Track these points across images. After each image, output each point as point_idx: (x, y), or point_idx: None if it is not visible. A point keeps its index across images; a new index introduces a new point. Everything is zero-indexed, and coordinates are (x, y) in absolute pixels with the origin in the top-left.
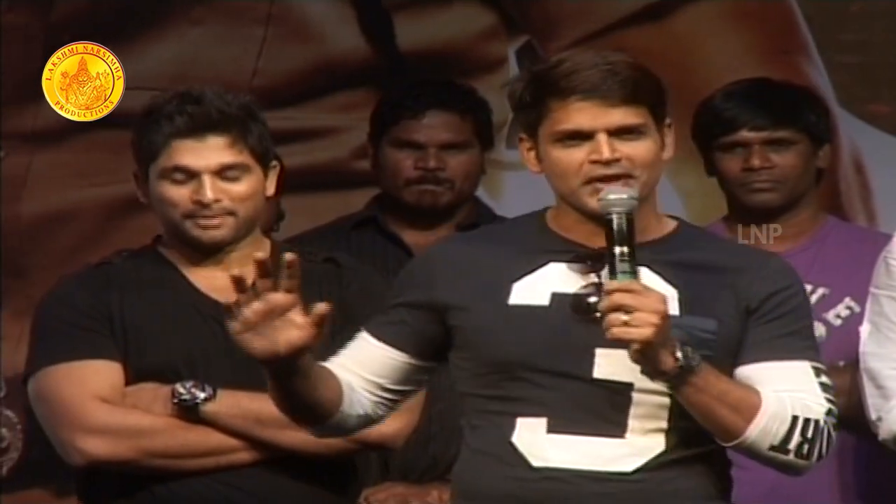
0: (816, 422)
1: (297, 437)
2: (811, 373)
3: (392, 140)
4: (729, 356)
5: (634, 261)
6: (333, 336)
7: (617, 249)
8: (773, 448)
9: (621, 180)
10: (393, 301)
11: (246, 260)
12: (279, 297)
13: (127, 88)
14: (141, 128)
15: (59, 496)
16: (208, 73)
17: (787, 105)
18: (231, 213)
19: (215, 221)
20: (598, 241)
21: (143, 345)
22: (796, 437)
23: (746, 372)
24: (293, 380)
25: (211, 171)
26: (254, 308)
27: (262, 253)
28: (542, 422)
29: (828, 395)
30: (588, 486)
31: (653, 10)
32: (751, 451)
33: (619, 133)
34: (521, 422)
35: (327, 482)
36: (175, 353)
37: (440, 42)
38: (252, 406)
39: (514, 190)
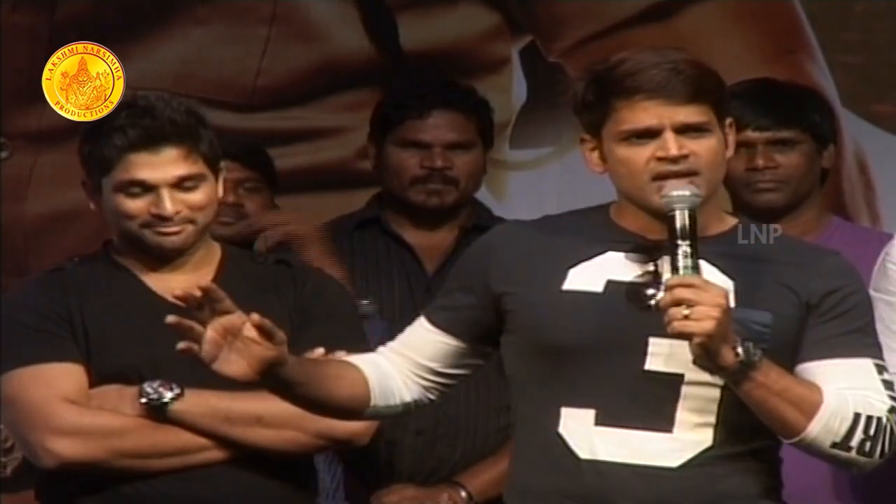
0: (879, 419)
1: (266, 435)
2: (873, 370)
3: (397, 140)
4: (785, 350)
5: (696, 257)
6: (292, 338)
7: (679, 245)
8: (834, 445)
9: (687, 177)
10: (449, 285)
11: (200, 264)
12: (229, 319)
13: (131, 88)
14: (91, 139)
15: None
16: (213, 73)
17: (791, 105)
18: (190, 220)
19: (175, 229)
20: (658, 235)
21: (104, 347)
22: (858, 435)
23: (808, 369)
24: (292, 389)
25: (168, 184)
26: (209, 338)
27: (204, 281)
28: (589, 413)
29: (891, 393)
30: (633, 481)
31: (657, 10)
32: (812, 448)
33: (684, 131)
34: (565, 411)
35: (289, 479)
36: (137, 356)
37: (444, 42)
38: (220, 404)
39: (518, 190)
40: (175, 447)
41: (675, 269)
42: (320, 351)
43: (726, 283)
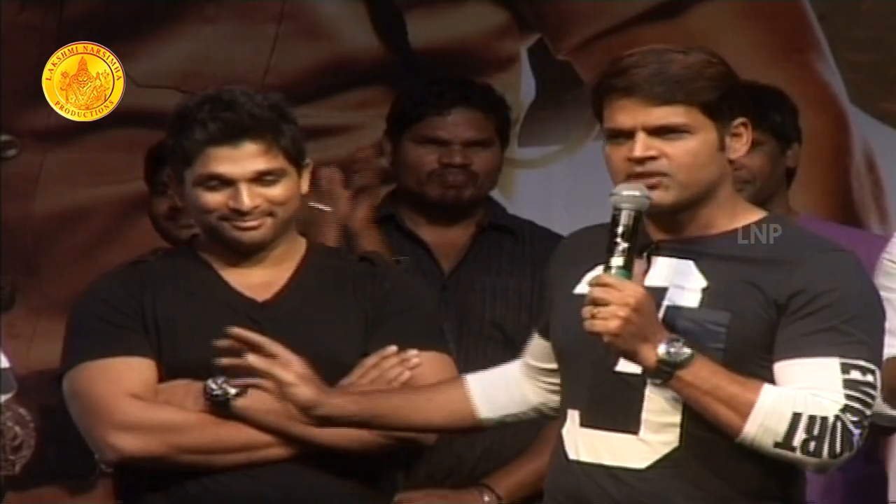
0: (824, 418)
1: (329, 433)
2: (837, 369)
3: (415, 137)
4: (751, 350)
5: (631, 257)
6: (369, 334)
7: (618, 244)
8: (777, 445)
9: (654, 178)
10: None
11: (281, 259)
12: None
13: (140, 86)
14: (173, 132)
15: (73, 494)
16: (221, 71)
17: (752, 103)
18: (270, 214)
19: (254, 223)
20: (662, 234)
21: (175, 342)
22: (800, 434)
23: (777, 369)
24: (367, 425)
25: (247, 178)
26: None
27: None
28: (576, 414)
29: (850, 392)
30: (605, 482)
31: (665, 8)
32: (756, 448)
33: (659, 132)
34: (569, 413)
35: (360, 478)
36: (207, 351)
37: (452, 40)
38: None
39: (526, 188)
40: (238, 443)
41: (606, 267)
42: (392, 348)
43: (700, 283)
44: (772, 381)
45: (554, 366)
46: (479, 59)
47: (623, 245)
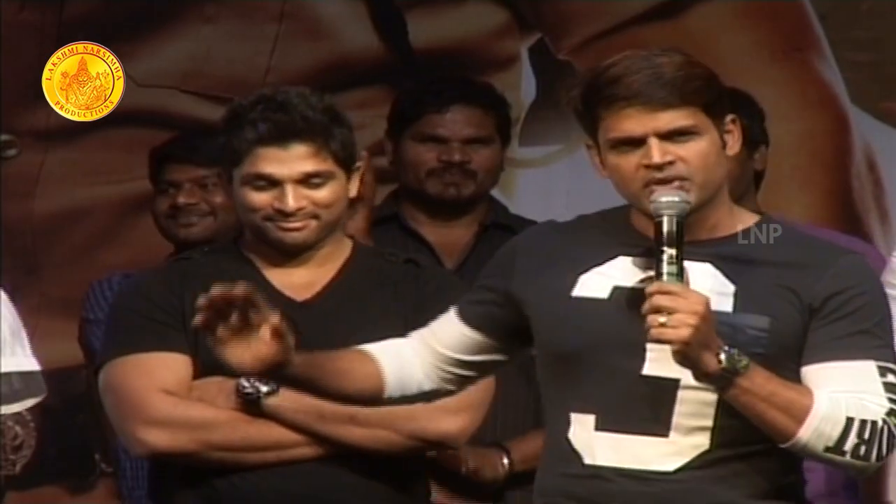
0: (874, 423)
1: (358, 434)
2: (875, 372)
3: (415, 134)
4: (787, 354)
5: (681, 263)
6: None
7: (664, 251)
8: (828, 450)
9: (675, 183)
10: (479, 281)
11: (325, 260)
12: (257, 315)
13: (140, 86)
14: (225, 131)
15: (73, 494)
16: (222, 71)
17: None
18: (314, 216)
19: (298, 224)
20: None
21: None
22: (852, 439)
23: (810, 372)
24: (299, 385)
25: (294, 179)
26: (224, 326)
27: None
28: (590, 418)
29: (891, 395)
30: (631, 486)
31: (665, 8)
32: (806, 452)
33: (670, 136)
34: (574, 416)
35: (390, 480)
36: None
37: (453, 39)
38: (314, 401)
39: (526, 187)
40: (267, 442)
41: (658, 275)
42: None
43: (727, 288)
44: (800, 383)
45: (473, 358)
46: (480, 58)
47: (670, 251)
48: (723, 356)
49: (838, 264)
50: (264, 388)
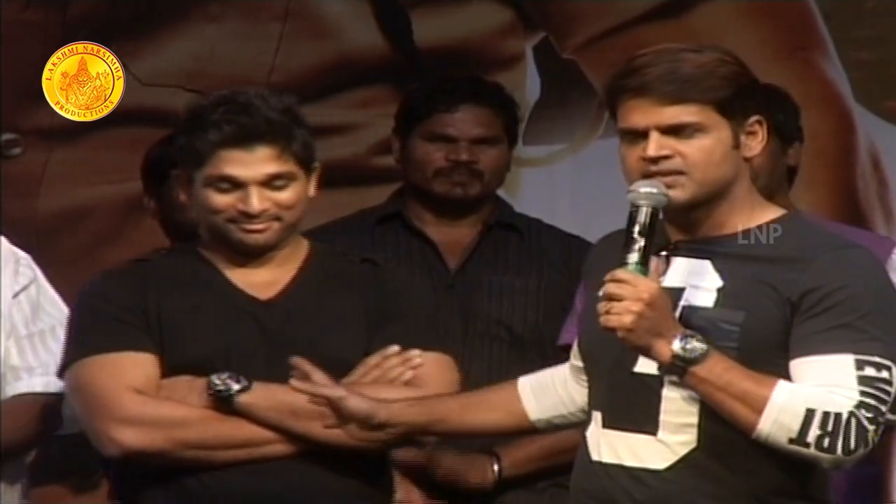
0: (838, 414)
1: (332, 431)
2: (851, 366)
3: (423, 133)
4: (765, 348)
5: (647, 255)
6: (372, 333)
7: (635, 241)
8: (792, 441)
9: (670, 177)
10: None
11: (285, 259)
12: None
13: (144, 85)
14: (186, 132)
15: (79, 491)
16: (226, 70)
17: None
18: (277, 218)
19: (261, 226)
20: (674, 235)
21: (178, 339)
22: (814, 430)
23: (792, 367)
24: (426, 432)
25: (258, 181)
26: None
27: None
28: (599, 416)
29: (865, 388)
30: (629, 483)
31: (669, 7)
32: (771, 444)
33: (672, 131)
34: (593, 415)
35: (362, 475)
36: (211, 348)
37: (457, 38)
38: (287, 398)
39: (531, 187)
40: (240, 439)
41: (622, 264)
42: (395, 348)
43: (715, 283)
44: (788, 379)
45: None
46: (485, 57)
47: (640, 241)
48: (675, 344)
49: (822, 260)
50: (236, 386)
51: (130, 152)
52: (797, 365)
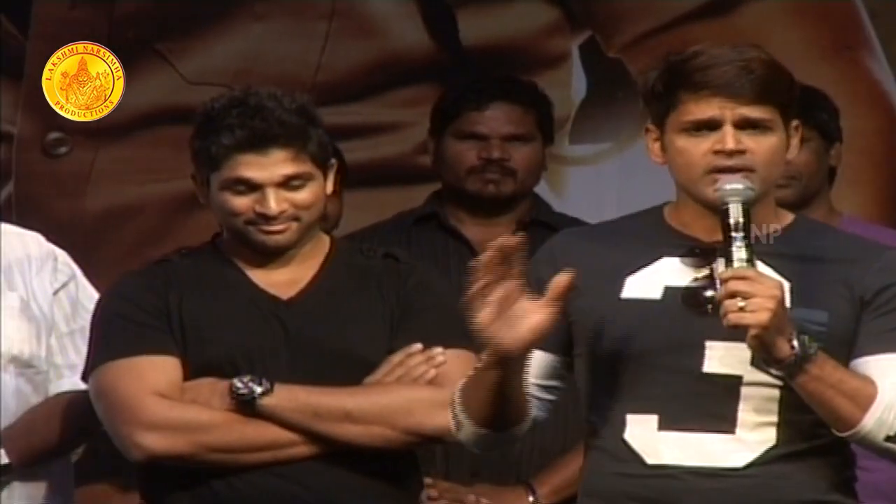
0: None
1: (354, 431)
2: None
3: (455, 132)
4: (842, 347)
5: (751, 249)
6: (394, 331)
7: (734, 238)
8: (888, 438)
9: (741, 173)
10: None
11: (306, 257)
12: (512, 285)
13: (192, 83)
14: (200, 135)
15: (125, 490)
16: (272, 69)
17: (799, 103)
18: (296, 218)
19: (280, 227)
20: (713, 236)
21: (201, 340)
22: None
23: (863, 364)
24: (515, 377)
25: (274, 183)
26: (495, 297)
27: (507, 237)
28: (653, 419)
29: None
30: (701, 483)
31: (716, 6)
32: (866, 441)
33: (745, 126)
34: (630, 418)
35: (387, 475)
36: (234, 349)
37: (503, 38)
38: (309, 400)
39: (577, 186)
40: (263, 442)
41: (728, 262)
42: (418, 346)
43: (783, 283)
44: None
45: (550, 385)
46: (530, 56)
47: (740, 238)
48: (795, 342)
49: (884, 258)
50: (258, 389)
51: (177, 151)
52: (869, 361)
